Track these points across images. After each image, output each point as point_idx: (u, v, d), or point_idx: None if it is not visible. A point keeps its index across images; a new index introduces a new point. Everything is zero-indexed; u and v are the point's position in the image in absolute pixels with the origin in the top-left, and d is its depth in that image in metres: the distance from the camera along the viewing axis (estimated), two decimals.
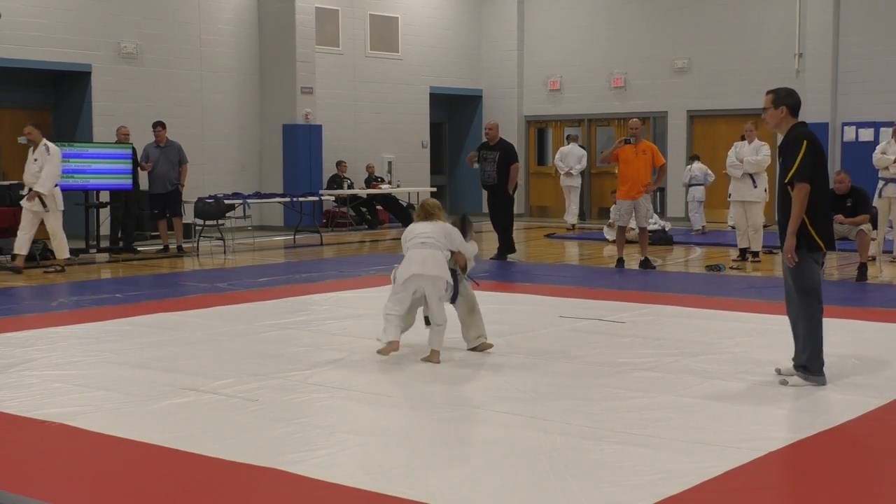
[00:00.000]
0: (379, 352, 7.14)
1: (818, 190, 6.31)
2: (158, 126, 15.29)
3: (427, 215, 7.44)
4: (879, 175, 13.31)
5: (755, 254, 13.46)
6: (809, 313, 6.31)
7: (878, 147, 13.66)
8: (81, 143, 15.66)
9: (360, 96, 21.19)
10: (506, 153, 13.72)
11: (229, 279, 11.88)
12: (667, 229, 16.70)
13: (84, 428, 5.42)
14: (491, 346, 7.49)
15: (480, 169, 13.82)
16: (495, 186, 13.77)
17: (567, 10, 22.46)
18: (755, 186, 13.39)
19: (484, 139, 14.17)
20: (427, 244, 7.21)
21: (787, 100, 6.48)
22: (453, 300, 7.28)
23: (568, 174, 19.87)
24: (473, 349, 7.45)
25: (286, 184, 19.27)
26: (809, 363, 6.31)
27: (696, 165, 18.48)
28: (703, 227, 18.01)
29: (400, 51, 21.97)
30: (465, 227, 7.55)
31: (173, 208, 15.30)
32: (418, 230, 7.35)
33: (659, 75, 21.28)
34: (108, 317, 9.14)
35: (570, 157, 19.98)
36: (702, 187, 18.26)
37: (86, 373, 6.78)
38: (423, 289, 7.12)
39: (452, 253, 7.31)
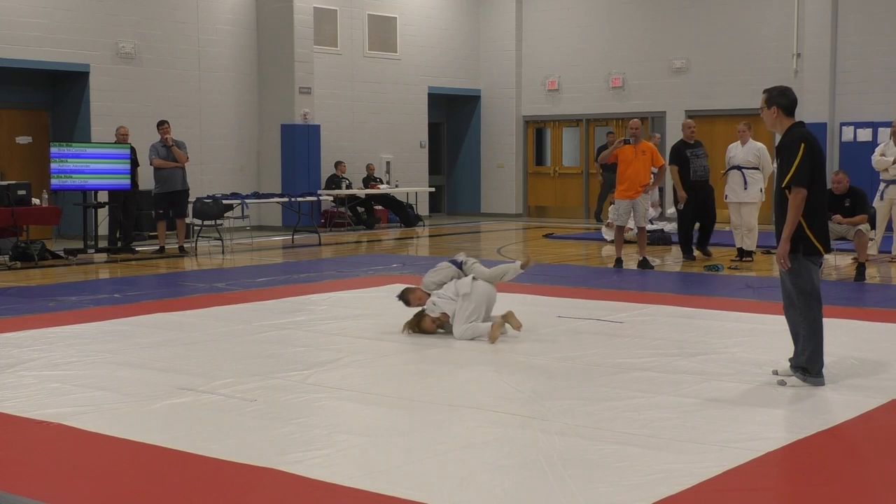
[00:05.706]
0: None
1: (816, 193, 6.25)
2: (164, 124, 15.21)
3: None
4: (881, 177, 13.31)
5: (749, 254, 13.46)
6: (810, 314, 6.28)
7: (877, 149, 13.65)
8: (79, 143, 15.65)
9: (358, 96, 21.19)
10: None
11: (228, 279, 11.88)
12: (666, 229, 16.69)
13: (82, 428, 5.42)
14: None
15: (691, 166, 13.76)
16: (706, 182, 13.89)
17: (565, 10, 22.45)
18: (746, 188, 13.38)
19: (682, 138, 14.12)
20: None
21: (779, 99, 6.39)
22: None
23: None
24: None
25: (284, 184, 19.28)
26: (809, 364, 6.29)
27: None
28: None
29: (398, 51, 21.97)
30: None
31: (178, 209, 15.25)
32: None
33: (657, 75, 21.28)
34: (107, 317, 9.14)
35: None
36: None
37: (84, 373, 6.78)
38: None
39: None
